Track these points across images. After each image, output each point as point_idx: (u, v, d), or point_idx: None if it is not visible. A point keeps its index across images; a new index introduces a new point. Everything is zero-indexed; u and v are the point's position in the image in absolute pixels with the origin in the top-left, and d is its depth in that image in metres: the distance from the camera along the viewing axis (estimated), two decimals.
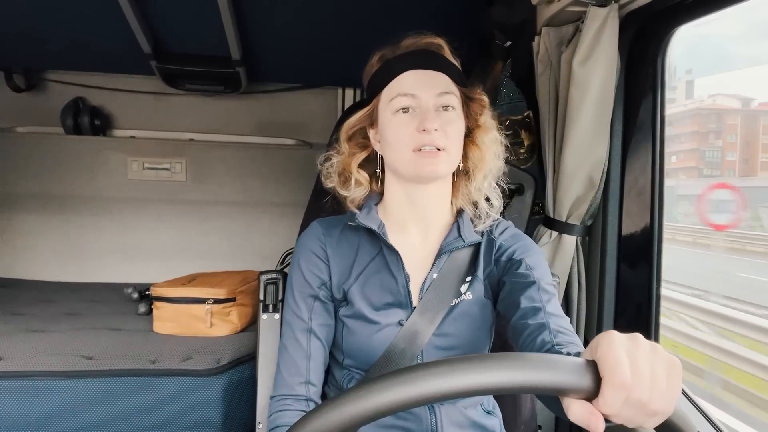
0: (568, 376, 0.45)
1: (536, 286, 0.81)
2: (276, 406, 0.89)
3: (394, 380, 0.44)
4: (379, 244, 0.91)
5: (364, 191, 0.93)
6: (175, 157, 2.22)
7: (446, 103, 0.85)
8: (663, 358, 0.48)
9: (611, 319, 1.24)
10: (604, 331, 0.51)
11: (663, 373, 0.47)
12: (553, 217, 1.25)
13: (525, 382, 0.44)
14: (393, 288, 0.88)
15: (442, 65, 0.88)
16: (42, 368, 1.36)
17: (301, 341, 0.90)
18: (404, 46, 0.90)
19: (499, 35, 1.46)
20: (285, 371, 0.90)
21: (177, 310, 1.57)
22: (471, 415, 0.91)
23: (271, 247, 2.18)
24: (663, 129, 1.16)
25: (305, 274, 0.91)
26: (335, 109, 2.30)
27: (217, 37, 1.72)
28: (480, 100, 0.90)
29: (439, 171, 0.84)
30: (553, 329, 0.73)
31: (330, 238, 0.93)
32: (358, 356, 0.89)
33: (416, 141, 0.83)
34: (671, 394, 0.47)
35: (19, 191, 2.18)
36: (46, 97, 2.20)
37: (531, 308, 0.77)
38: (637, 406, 0.45)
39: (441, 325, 0.87)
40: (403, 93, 0.85)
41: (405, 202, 0.91)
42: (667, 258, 1.21)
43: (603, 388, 0.45)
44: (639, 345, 0.48)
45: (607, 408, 0.45)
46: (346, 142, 0.93)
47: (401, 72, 0.86)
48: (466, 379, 0.44)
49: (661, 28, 1.11)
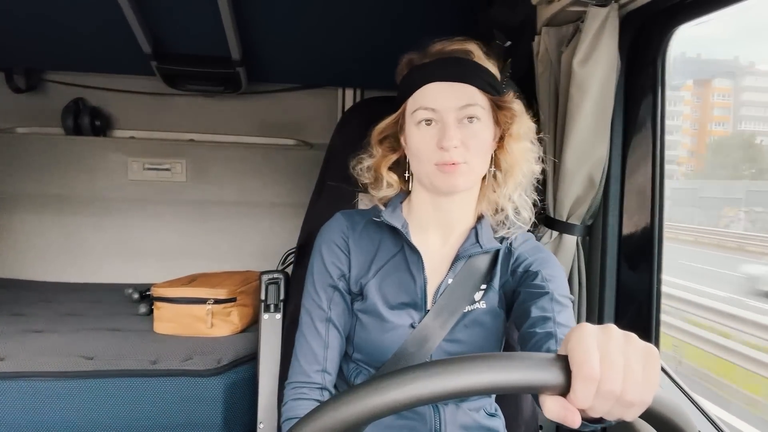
0: (538, 373, 0.45)
1: (549, 296, 0.80)
2: (291, 394, 0.89)
3: (371, 385, 0.44)
4: (400, 242, 0.91)
5: (394, 192, 0.94)
6: (176, 158, 2.22)
7: (470, 115, 0.83)
8: (637, 347, 0.47)
9: (611, 319, 1.24)
10: (579, 324, 0.50)
11: (638, 363, 0.46)
12: (553, 216, 1.25)
13: (495, 382, 0.44)
14: (410, 288, 0.89)
15: (469, 75, 0.85)
16: (42, 369, 1.36)
17: (320, 330, 0.90)
18: (431, 54, 0.88)
19: (499, 35, 1.46)
20: (302, 358, 0.90)
21: (177, 310, 1.57)
22: (475, 417, 0.91)
23: (272, 247, 2.18)
24: (663, 129, 1.16)
25: (326, 264, 0.91)
26: (335, 110, 2.30)
27: (217, 37, 1.72)
28: (510, 108, 0.88)
29: (458, 186, 0.84)
30: (560, 339, 0.72)
31: (353, 231, 0.93)
32: (367, 352, 0.90)
33: (436, 156, 0.83)
34: (647, 384, 0.46)
35: (20, 192, 2.17)
36: (47, 98, 2.20)
37: (540, 317, 0.77)
38: (610, 399, 0.45)
39: (452, 331, 0.87)
40: (425, 107, 0.84)
41: (430, 208, 0.91)
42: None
43: (573, 382, 0.44)
44: (611, 336, 0.47)
45: (579, 402, 0.44)
46: (378, 145, 0.93)
47: (424, 83, 0.85)
48: (435, 384, 0.43)
49: (661, 28, 1.10)
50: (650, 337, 1.19)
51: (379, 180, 0.93)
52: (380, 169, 0.93)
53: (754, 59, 21.77)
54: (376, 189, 0.94)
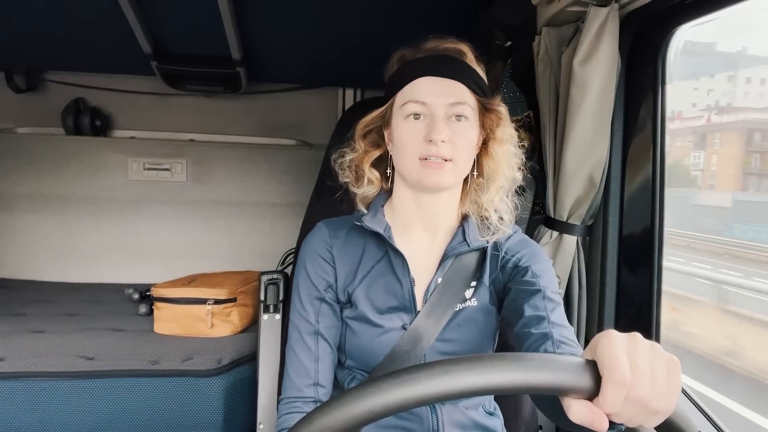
0: (568, 376, 0.45)
1: (541, 294, 0.80)
2: (284, 409, 0.88)
3: (394, 381, 0.44)
4: (384, 246, 0.90)
5: (375, 190, 0.93)
6: (176, 158, 2.22)
7: (459, 113, 0.84)
8: (662, 356, 0.48)
9: (612, 319, 1.24)
10: (605, 330, 0.51)
11: (662, 371, 0.47)
12: (553, 217, 1.25)
13: (524, 382, 0.44)
14: (397, 292, 0.88)
15: (460, 73, 0.86)
16: (43, 369, 1.36)
17: (309, 344, 0.89)
18: (424, 50, 0.88)
19: (499, 35, 1.46)
20: (293, 373, 0.89)
21: (178, 310, 1.57)
22: (473, 416, 0.91)
23: (272, 247, 2.18)
24: (663, 129, 1.16)
25: (311, 277, 0.91)
26: (335, 109, 2.30)
27: (217, 37, 1.72)
28: (497, 111, 0.88)
29: (443, 182, 0.84)
30: (556, 339, 0.72)
31: (336, 240, 0.92)
32: (360, 358, 0.89)
33: (423, 150, 0.82)
34: (671, 392, 0.47)
35: (20, 191, 2.18)
36: (47, 98, 2.20)
37: (535, 317, 0.77)
38: (637, 405, 0.45)
39: (445, 331, 0.87)
40: (415, 100, 0.84)
41: (413, 207, 0.90)
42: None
43: (603, 387, 0.45)
44: (638, 344, 0.48)
45: (607, 406, 0.45)
46: (361, 139, 0.92)
47: (416, 77, 0.85)
48: (465, 380, 0.44)
49: (662, 28, 1.10)
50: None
51: (361, 177, 0.92)
52: (362, 164, 0.91)
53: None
54: (356, 186, 0.92)
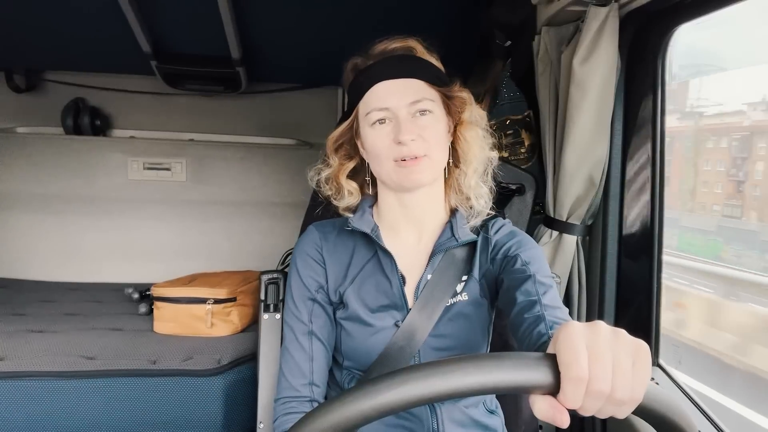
0: (527, 373, 0.44)
1: (532, 279, 0.80)
2: (280, 410, 0.89)
3: (356, 394, 0.44)
4: (373, 246, 0.91)
5: (356, 200, 0.94)
6: (175, 158, 2.22)
7: (421, 108, 0.85)
8: (626, 343, 0.46)
9: (611, 319, 1.24)
10: (566, 322, 0.50)
11: (627, 359, 0.45)
12: (553, 216, 1.25)
13: (486, 383, 0.44)
14: (387, 290, 0.89)
15: (414, 70, 0.87)
16: (43, 368, 1.36)
17: (303, 344, 0.90)
18: (374, 55, 0.89)
19: (499, 35, 1.46)
20: (288, 374, 0.90)
21: (177, 310, 1.57)
22: (473, 415, 0.91)
23: (272, 246, 2.18)
24: (663, 128, 1.16)
25: (303, 278, 0.92)
26: (335, 109, 2.30)
27: (217, 37, 1.72)
28: (459, 97, 0.90)
29: (422, 179, 0.85)
30: (549, 321, 0.72)
31: (326, 242, 0.94)
32: (356, 358, 0.90)
33: (395, 152, 0.84)
34: (638, 380, 0.45)
35: (20, 191, 2.18)
36: (47, 98, 2.20)
37: (527, 302, 0.77)
38: (600, 398, 0.44)
39: (437, 326, 0.87)
40: (377, 107, 0.85)
41: (397, 207, 0.92)
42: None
43: (562, 383, 0.44)
44: (599, 333, 0.46)
45: (568, 402, 0.44)
46: (334, 154, 0.94)
47: (372, 84, 0.86)
48: (426, 386, 0.43)
49: (661, 28, 1.10)
50: (650, 337, 1.19)
51: (340, 189, 0.94)
52: (339, 177, 0.93)
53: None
54: (338, 199, 0.94)
